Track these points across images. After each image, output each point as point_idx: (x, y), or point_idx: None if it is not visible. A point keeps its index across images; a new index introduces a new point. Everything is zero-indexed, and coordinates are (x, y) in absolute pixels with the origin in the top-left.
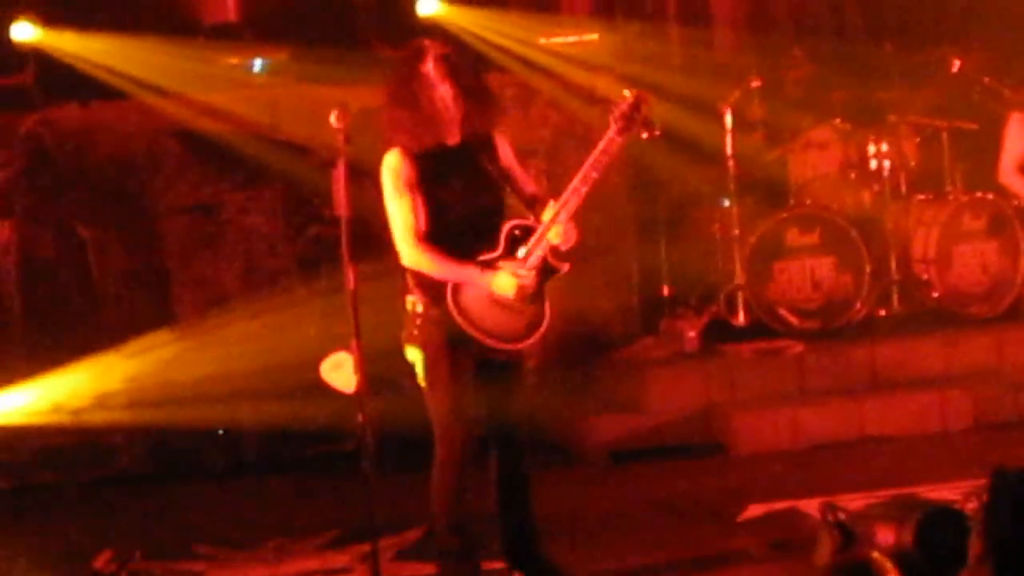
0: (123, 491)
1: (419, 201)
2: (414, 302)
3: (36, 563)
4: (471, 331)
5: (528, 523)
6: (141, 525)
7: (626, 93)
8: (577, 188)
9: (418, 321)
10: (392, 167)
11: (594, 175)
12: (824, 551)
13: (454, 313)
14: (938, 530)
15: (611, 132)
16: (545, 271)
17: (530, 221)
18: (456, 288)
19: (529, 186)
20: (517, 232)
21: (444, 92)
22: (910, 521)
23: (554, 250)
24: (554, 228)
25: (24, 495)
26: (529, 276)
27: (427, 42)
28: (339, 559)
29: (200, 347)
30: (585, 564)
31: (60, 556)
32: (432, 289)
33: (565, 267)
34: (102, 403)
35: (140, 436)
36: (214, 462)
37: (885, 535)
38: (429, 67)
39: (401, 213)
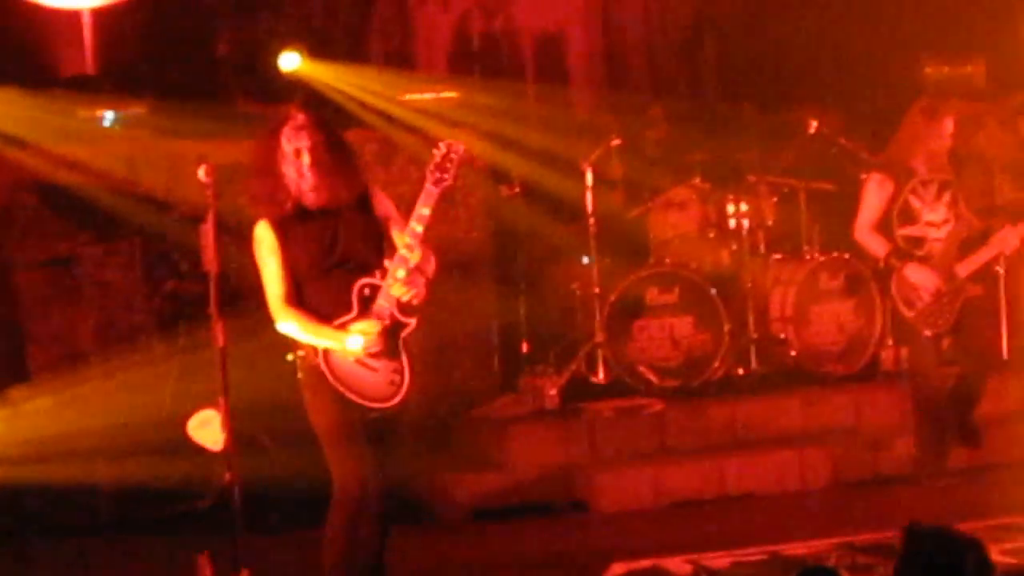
0: None
1: (283, 268)
2: (301, 355)
3: None
4: (342, 390)
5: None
6: None
7: (441, 146)
8: (409, 244)
9: (305, 371)
10: (258, 237)
11: (419, 228)
12: None
13: (327, 374)
14: None
15: (428, 184)
16: (395, 326)
17: (376, 279)
18: (326, 350)
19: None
20: (367, 291)
21: (301, 162)
22: None
23: (401, 305)
24: (395, 284)
25: None
26: (373, 329)
27: (288, 111)
28: None
29: (55, 404)
30: None
31: None
32: (310, 346)
33: (412, 321)
34: None
35: None
36: (70, 520)
37: None
38: (287, 139)
39: (268, 280)
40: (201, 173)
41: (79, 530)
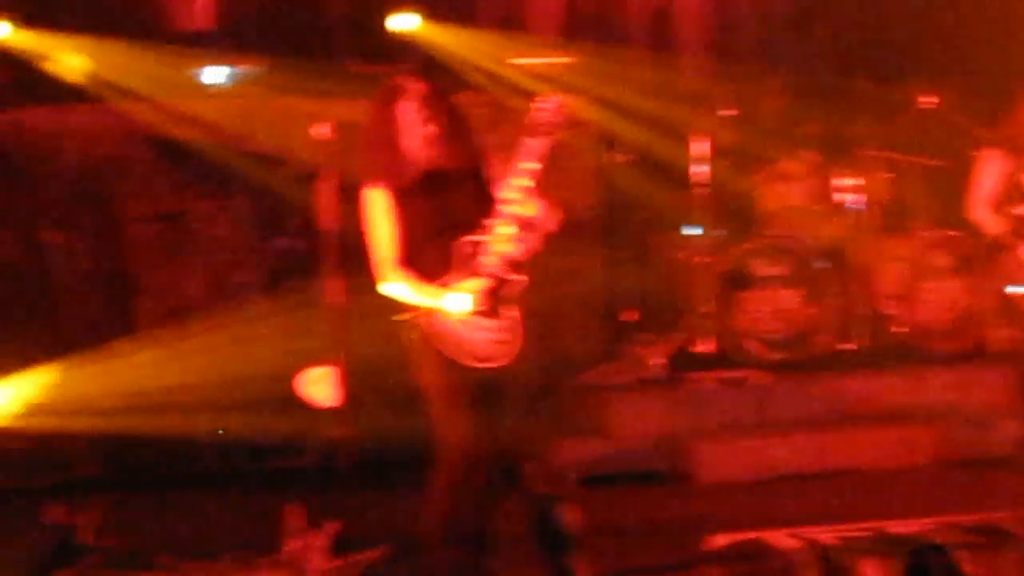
0: (81, 498)
1: (395, 231)
2: (408, 317)
3: None
4: (450, 352)
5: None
6: (98, 533)
7: (538, 100)
8: (508, 198)
9: (412, 333)
10: (370, 199)
11: (521, 183)
12: None
13: (433, 335)
14: (925, 568)
15: (525, 138)
16: (503, 284)
17: (479, 237)
18: (430, 312)
19: None
20: (469, 249)
21: (419, 132)
22: (897, 557)
23: (509, 262)
24: (500, 239)
25: None
26: (478, 287)
27: (402, 81)
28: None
29: (160, 357)
30: None
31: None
32: (416, 308)
33: (523, 279)
34: (61, 409)
35: (99, 443)
36: (172, 471)
37: (873, 570)
38: (403, 108)
39: (378, 242)
40: (321, 131)
41: (181, 481)
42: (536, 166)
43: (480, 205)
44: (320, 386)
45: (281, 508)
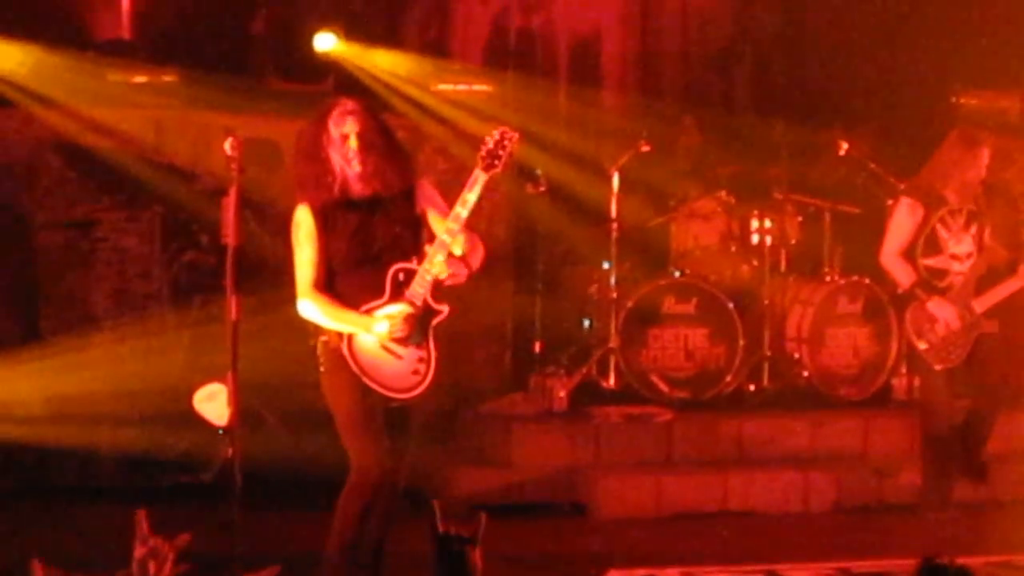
0: None
1: (318, 254)
2: (324, 340)
3: None
4: (365, 379)
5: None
6: None
7: (495, 132)
8: (451, 228)
9: (327, 357)
10: (297, 220)
11: (464, 214)
12: None
13: (349, 360)
14: None
15: (477, 169)
16: (426, 314)
17: (412, 264)
18: (350, 337)
19: None
20: (401, 276)
21: (348, 147)
22: None
23: (434, 292)
24: (434, 266)
25: None
26: (402, 315)
27: (337, 99)
28: None
29: (64, 366)
30: None
31: None
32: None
33: (444, 309)
34: None
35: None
36: (68, 483)
37: None
38: (334, 124)
39: (299, 263)
40: (227, 146)
41: (77, 494)
42: (477, 198)
43: (409, 229)
44: (213, 403)
45: (173, 525)
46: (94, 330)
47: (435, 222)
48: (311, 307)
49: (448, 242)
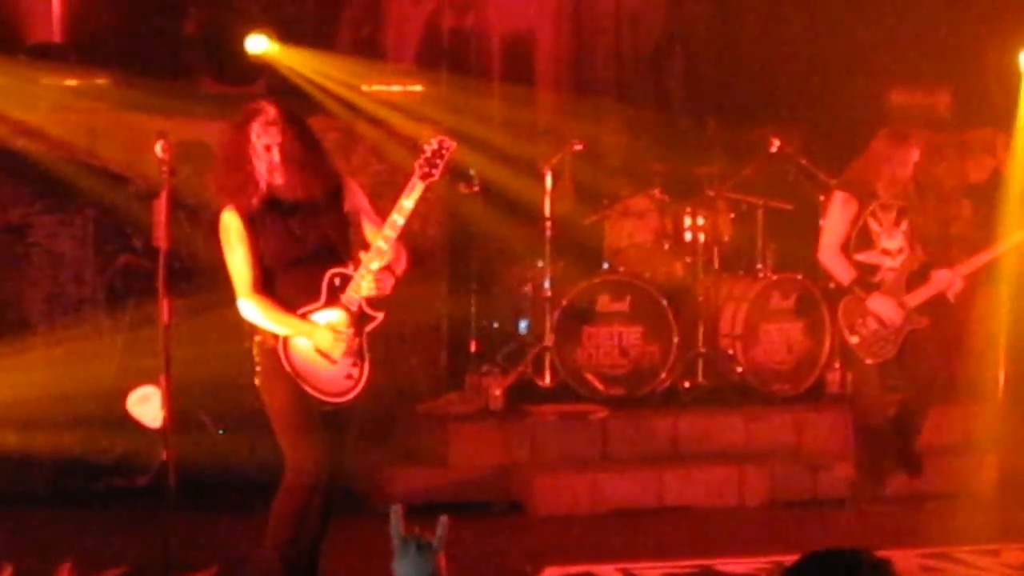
0: None
1: (251, 255)
2: (260, 341)
3: None
4: (299, 382)
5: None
6: None
7: (433, 141)
8: (387, 236)
9: (262, 357)
10: (224, 223)
11: (400, 221)
12: None
13: (283, 361)
14: None
15: (415, 177)
16: (360, 319)
17: (348, 270)
18: (285, 339)
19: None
20: (337, 281)
21: (271, 157)
22: None
23: (369, 298)
24: (367, 276)
25: None
26: (348, 334)
27: (258, 105)
28: None
29: None
30: None
31: None
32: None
33: (379, 316)
34: None
35: None
36: (1, 487)
37: None
38: (256, 136)
39: (234, 267)
40: (158, 149)
41: (12, 499)
42: (413, 205)
43: (338, 229)
44: (146, 406)
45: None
46: (28, 334)
47: (366, 226)
48: (252, 308)
49: (384, 248)
